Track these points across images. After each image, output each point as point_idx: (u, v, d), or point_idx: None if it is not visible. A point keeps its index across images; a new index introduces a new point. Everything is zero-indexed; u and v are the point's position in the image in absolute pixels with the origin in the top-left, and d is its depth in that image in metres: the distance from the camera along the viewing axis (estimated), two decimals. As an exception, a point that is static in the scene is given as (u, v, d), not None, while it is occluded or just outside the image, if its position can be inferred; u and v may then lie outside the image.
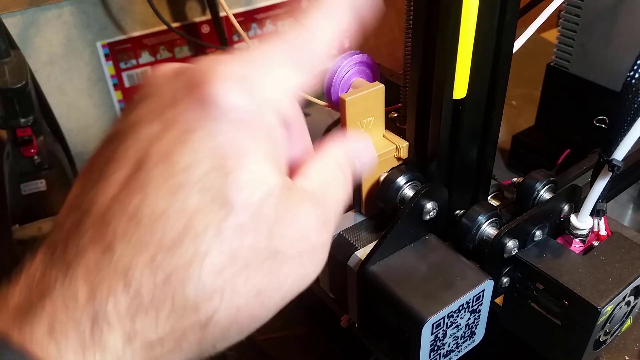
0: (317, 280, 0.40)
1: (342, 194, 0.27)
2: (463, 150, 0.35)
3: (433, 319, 0.31)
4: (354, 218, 0.38)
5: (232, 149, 0.21)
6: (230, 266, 0.21)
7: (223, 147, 0.21)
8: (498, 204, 0.39)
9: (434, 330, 0.31)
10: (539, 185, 0.36)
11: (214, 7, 0.95)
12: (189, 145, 0.21)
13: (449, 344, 0.33)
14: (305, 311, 0.59)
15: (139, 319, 0.20)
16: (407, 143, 0.36)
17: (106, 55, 0.93)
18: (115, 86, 0.96)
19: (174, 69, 0.24)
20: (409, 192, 0.35)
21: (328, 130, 0.79)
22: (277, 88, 0.24)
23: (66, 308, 0.20)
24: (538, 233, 0.36)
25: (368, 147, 0.30)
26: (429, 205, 0.34)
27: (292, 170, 0.26)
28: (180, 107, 0.22)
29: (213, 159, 0.21)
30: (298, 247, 0.23)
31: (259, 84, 0.23)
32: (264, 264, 0.22)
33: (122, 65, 0.95)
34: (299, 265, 0.24)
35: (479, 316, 0.34)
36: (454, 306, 0.32)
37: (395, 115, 0.40)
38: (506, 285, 0.36)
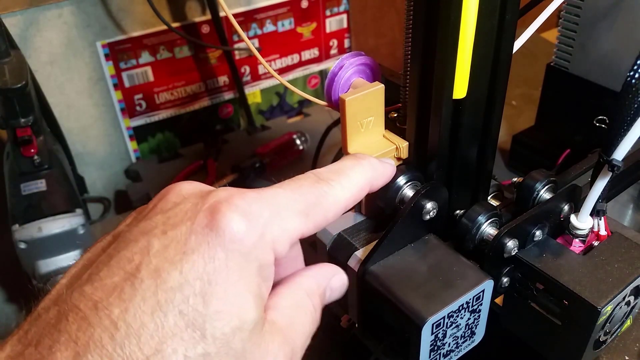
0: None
1: (309, 324, 0.28)
2: (463, 150, 0.35)
3: (433, 319, 0.31)
4: (354, 218, 0.38)
5: (220, 279, 0.23)
6: None
7: (211, 275, 0.23)
8: (498, 204, 0.39)
9: (434, 330, 0.31)
10: (539, 185, 0.36)
11: (214, 7, 0.95)
12: (182, 266, 0.22)
13: (449, 344, 0.33)
14: (305, 311, 0.59)
15: None
16: (407, 143, 0.36)
17: (106, 55, 0.93)
18: (115, 86, 0.96)
19: (195, 191, 0.26)
20: (409, 192, 0.35)
21: (328, 130, 0.79)
22: (283, 232, 0.25)
23: None
24: (538, 233, 0.36)
25: (338, 274, 0.31)
26: (429, 205, 0.34)
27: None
28: (189, 228, 0.23)
29: (199, 284, 0.22)
30: None
31: (268, 225, 0.25)
32: None
33: (122, 65, 0.95)
34: None
35: (479, 316, 0.34)
36: (454, 306, 0.32)
37: (395, 115, 0.40)
38: (506, 285, 0.36)
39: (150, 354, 0.21)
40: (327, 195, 0.27)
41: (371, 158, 0.31)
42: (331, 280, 0.31)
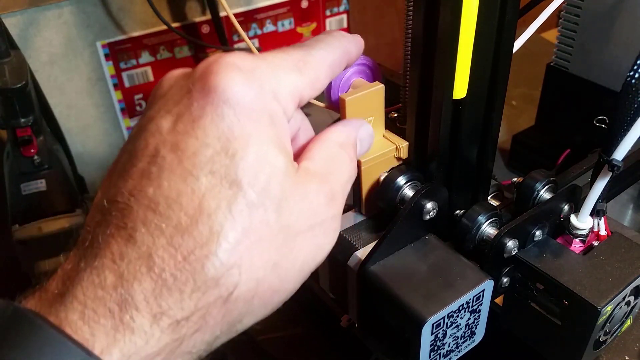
0: (317, 280, 0.40)
1: (347, 170, 0.28)
2: (463, 150, 0.35)
3: (433, 319, 0.31)
4: (354, 218, 0.38)
5: (236, 132, 0.23)
6: (244, 241, 0.22)
7: (228, 131, 0.23)
8: (498, 204, 0.39)
9: (434, 330, 0.31)
10: (539, 185, 0.36)
11: (214, 7, 0.95)
12: (196, 133, 0.23)
13: (449, 344, 0.33)
14: (305, 311, 0.59)
15: (163, 299, 0.21)
16: (407, 143, 0.36)
17: (106, 55, 0.93)
18: (115, 86, 0.96)
19: (186, 70, 0.26)
20: (409, 192, 0.35)
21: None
22: (282, 83, 0.25)
23: (95, 295, 0.21)
24: (538, 233, 0.36)
25: (364, 125, 0.32)
26: (429, 205, 0.34)
27: (297, 158, 0.27)
28: (189, 98, 0.24)
29: (219, 143, 0.23)
30: (308, 220, 0.25)
31: (265, 76, 0.25)
32: (277, 237, 0.24)
33: (122, 65, 0.95)
34: (312, 237, 0.25)
35: (479, 316, 0.34)
36: (454, 306, 0.32)
37: (395, 115, 0.40)
38: (506, 285, 0.36)
39: (195, 214, 0.22)
40: (313, 54, 0.28)
41: (344, 33, 0.32)
42: (359, 132, 0.31)
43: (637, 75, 0.31)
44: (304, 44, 0.29)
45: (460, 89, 0.32)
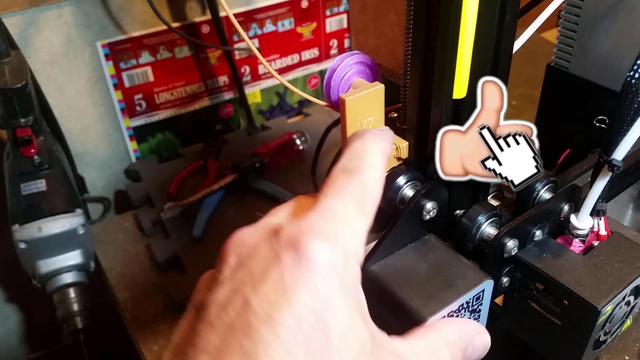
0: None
1: None
2: (463, 150, 0.35)
3: (433, 319, 0.31)
4: (354, 218, 0.38)
5: (328, 304, 0.22)
6: None
7: (321, 305, 0.22)
8: (498, 204, 0.39)
9: (434, 330, 0.31)
10: (539, 185, 0.36)
11: (214, 7, 0.95)
12: (289, 306, 0.22)
13: (449, 344, 0.33)
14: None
15: None
16: (407, 143, 0.36)
17: (106, 55, 0.93)
18: (115, 86, 0.96)
19: (258, 234, 0.25)
20: (409, 192, 0.35)
21: (328, 130, 0.79)
22: (357, 239, 0.25)
23: None
24: (538, 233, 0.36)
25: (482, 333, 0.30)
26: (429, 205, 0.34)
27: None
28: (279, 270, 0.23)
29: (313, 317, 0.22)
30: None
31: (345, 238, 0.24)
32: None
33: (122, 65, 0.95)
34: None
35: (478, 316, 0.34)
36: (453, 306, 0.32)
37: (395, 115, 0.40)
38: (506, 285, 0.36)
39: None
40: (367, 184, 0.27)
41: (369, 129, 0.31)
42: (475, 338, 0.29)
43: (637, 75, 0.31)
44: (352, 166, 0.27)
45: (460, 89, 0.32)
